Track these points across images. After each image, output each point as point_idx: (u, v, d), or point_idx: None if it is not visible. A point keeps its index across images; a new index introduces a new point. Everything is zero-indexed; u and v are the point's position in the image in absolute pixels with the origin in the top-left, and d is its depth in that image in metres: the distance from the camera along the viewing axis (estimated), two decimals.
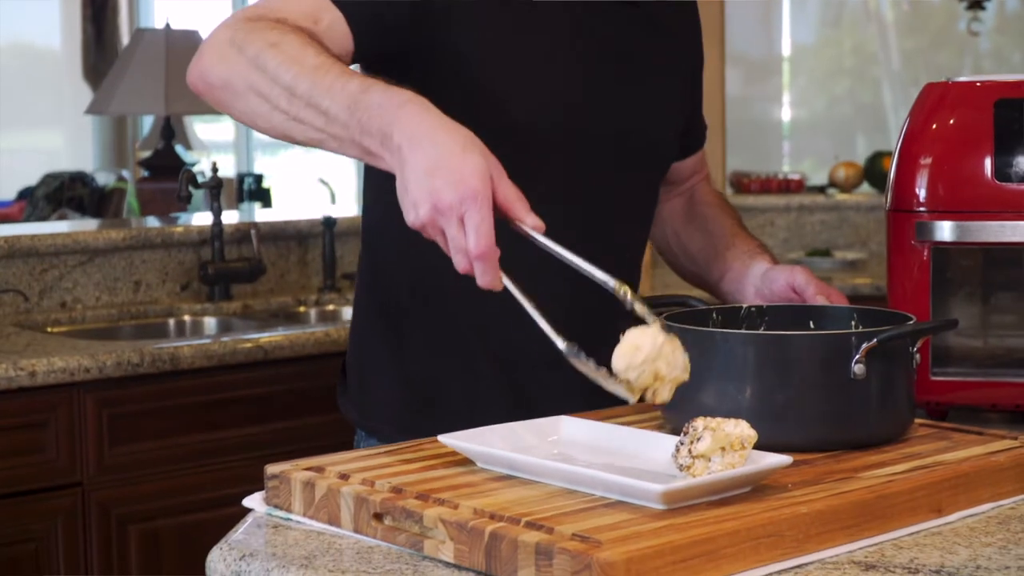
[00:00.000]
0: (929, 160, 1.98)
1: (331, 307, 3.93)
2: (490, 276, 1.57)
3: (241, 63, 1.74)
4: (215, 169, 3.84)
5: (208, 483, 3.08)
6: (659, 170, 2.14)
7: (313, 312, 3.92)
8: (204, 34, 6.14)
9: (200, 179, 3.78)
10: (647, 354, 1.49)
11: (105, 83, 6.59)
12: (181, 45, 6.22)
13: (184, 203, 3.71)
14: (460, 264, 1.58)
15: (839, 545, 1.41)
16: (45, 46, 9.26)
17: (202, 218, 4.05)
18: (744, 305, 1.90)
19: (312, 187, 8.90)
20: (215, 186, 3.77)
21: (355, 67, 1.86)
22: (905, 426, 1.71)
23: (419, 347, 2.01)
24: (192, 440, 3.09)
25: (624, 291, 1.57)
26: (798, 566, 1.36)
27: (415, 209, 1.59)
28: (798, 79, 6.26)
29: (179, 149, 6.85)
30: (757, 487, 1.47)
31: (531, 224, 1.60)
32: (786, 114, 6.19)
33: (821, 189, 5.14)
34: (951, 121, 1.99)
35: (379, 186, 2.00)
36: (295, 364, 3.24)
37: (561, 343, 1.55)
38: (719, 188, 4.94)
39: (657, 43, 2.06)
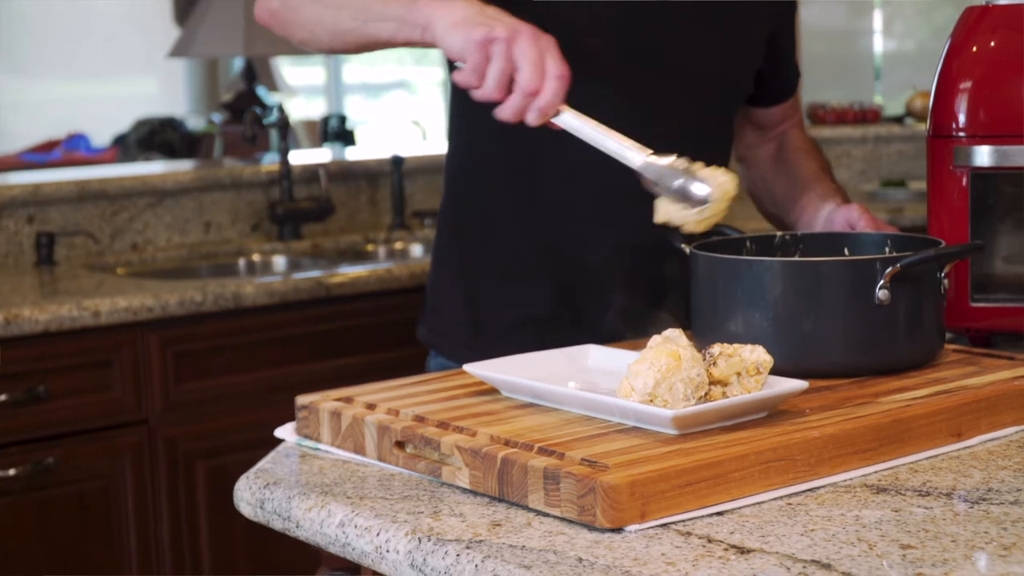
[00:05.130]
0: (968, 84, 1.95)
1: (399, 245, 3.96)
2: (558, 99, 1.66)
3: None
4: (282, 110, 3.87)
5: (273, 419, 3.08)
6: (728, 107, 2.17)
7: (382, 250, 3.95)
8: None
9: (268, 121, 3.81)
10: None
11: (187, 26, 6.64)
12: None
13: (251, 144, 3.73)
14: (534, 81, 1.64)
15: (854, 469, 1.41)
16: None
17: (272, 159, 4.08)
18: (777, 233, 1.89)
19: (405, 128, 8.93)
20: (282, 126, 3.80)
21: None
22: (933, 351, 1.70)
23: (483, 270, 2.11)
24: (255, 377, 3.13)
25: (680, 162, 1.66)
26: (809, 489, 1.37)
27: (491, 27, 1.66)
28: (900, 10, 6.16)
29: (262, 92, 6.89)
30: (774, 412, 1.47)
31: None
32: (880, 46, 6.10)
33: (898, 119, 5.08)
34: (991, 44, 1.96)
35: (461, 127, 2.13)
36: (357, 301, 3.27)
37: (637, 155, 1.65)
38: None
39: None
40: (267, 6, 2.00)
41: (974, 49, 1.97)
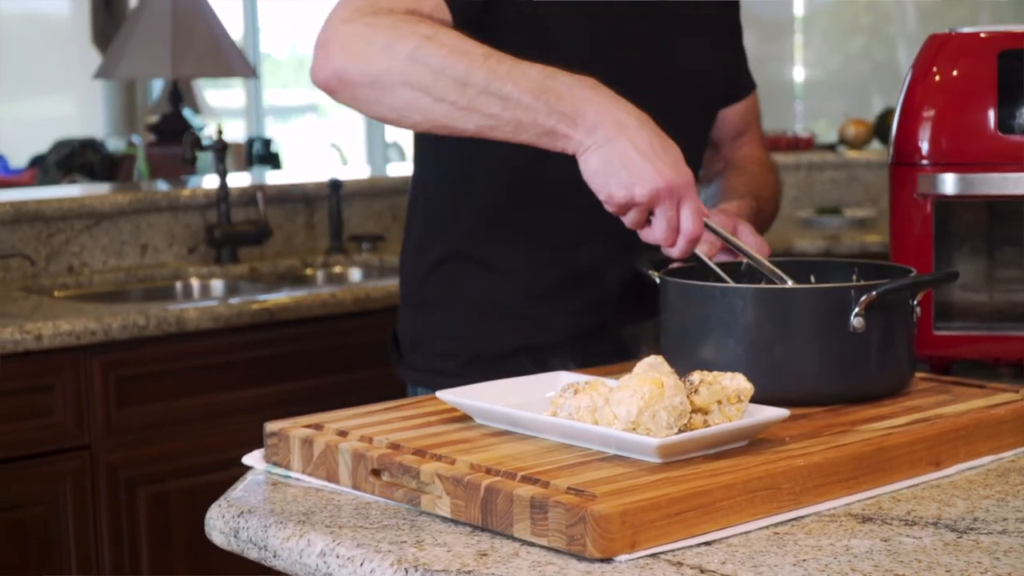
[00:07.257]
0: (932, 112, 1.96)
1: (338, 269, 3.92)
2: (688, 251, 1.73)
3: (392, 58, 1.73)
4: (220, 132, 3.83)
5: (216, 445, 3.08)
6: (709, 109, 2.17)
7: (320, 274, 3.91)
8: None
9: (206, 143, 3.77)
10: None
11: (112, 47, 6.56)
12: (187, 8, 6.19)
13: (190, 166, 3.70)
14: (668, 239, 1.72)
15: (836, 498, 1.41)
16: (54, 12, 9.24)
17: (209, 181, 4.04)
18: (744, 261, 1.89)
19: (324, 151, 8.89)
20: (220, 149, 3.76)
21: None
22: (905, 380, 1.70)
23: (470, 303, 2.06)
24: (199, 402, 3.09)
25: None
26: (795, 519, 1.36)
27: (631, 188, 1.67)
28: (812, 39, 6.23)
29: (187, 113, 6.83)
30: (755, 441, 1.47)
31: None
32: (799, 74, 6.16)
33: (831, 147, 5.12)
34: (954, 73, 1.98)
35: (432, 158, 2.09)
36: (301, 325, 3.24)
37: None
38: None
39: None
40: (341, 75, 1.77)
41: (937, 78, 1.98)
